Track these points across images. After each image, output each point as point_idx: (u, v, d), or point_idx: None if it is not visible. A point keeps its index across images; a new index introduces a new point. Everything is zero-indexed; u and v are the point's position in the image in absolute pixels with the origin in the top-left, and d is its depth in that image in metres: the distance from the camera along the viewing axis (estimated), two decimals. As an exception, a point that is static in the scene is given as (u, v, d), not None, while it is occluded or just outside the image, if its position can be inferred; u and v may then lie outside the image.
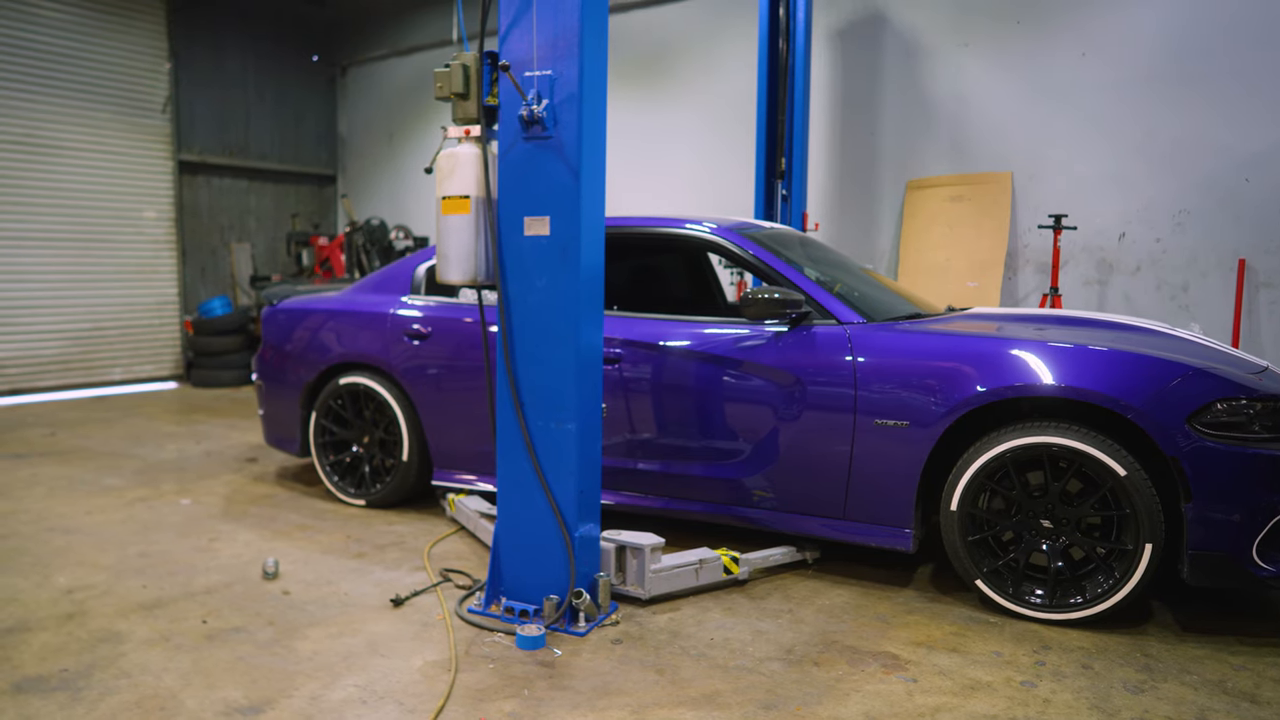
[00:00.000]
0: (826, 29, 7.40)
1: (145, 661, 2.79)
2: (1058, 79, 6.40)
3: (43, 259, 8.51)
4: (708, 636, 3.00)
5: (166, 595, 3.35)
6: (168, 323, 9.60)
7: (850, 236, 7.43)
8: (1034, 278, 6.61)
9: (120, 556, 3.78)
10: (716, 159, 8.08)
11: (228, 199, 10.34)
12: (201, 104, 9.89)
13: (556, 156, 2.92)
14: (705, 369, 3.63)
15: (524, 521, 3.10)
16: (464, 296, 4.33)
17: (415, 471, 4.38)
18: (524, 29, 2.91)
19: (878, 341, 3.37)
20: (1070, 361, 3.06)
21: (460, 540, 4.02)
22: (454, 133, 3.08)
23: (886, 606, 3.27)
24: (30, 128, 8.35)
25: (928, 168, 7.01)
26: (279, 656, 2.82)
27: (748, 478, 3.58)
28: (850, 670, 2.75)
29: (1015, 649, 2.90)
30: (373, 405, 4.46)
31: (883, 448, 3.30)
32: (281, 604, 3.26)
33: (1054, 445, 3.01)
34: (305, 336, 4.67)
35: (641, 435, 3.78)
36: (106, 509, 4.51)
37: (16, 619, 3.12)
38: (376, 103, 11.01)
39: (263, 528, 4.21)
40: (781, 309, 3.40)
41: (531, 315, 3.02)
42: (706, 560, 3.38)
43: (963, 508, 3.17)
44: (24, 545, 3.92)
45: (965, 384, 3.15)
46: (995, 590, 3.17)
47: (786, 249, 3.91)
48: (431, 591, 3.37)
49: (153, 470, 5.36)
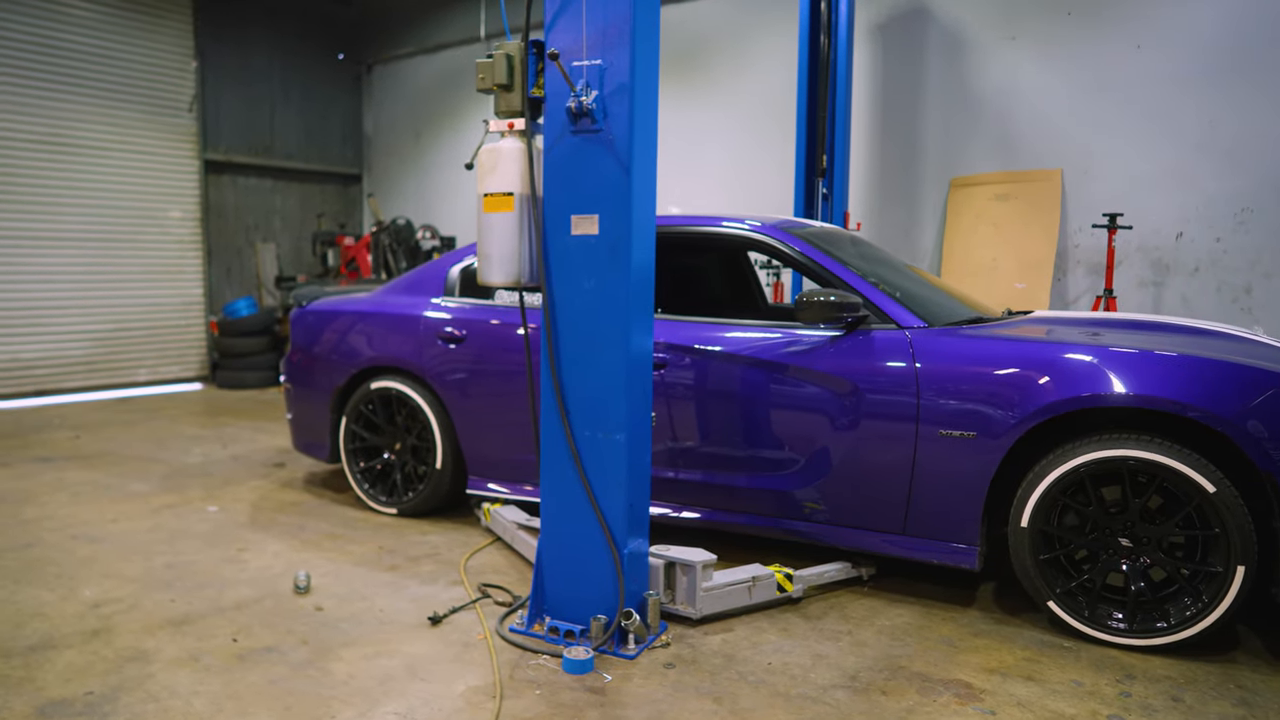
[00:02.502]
0: (868, 23, 7.19)
1: (173, 684, 2.65)
2: (1112, 72, 6.16)
3: (69, 259, 8.46)
4: (765, 660, 2.82)
5: (195, 610, 3.21)
6: (193, 323, 9.53)
7: (891, 235, 7.21)
8: (1085, 279, 6.37)
9: (147, 567, 3.65)
10: (752, 157, 7.88)
11: (253, 198, 10.26)
12: (227, 103, 9.81)
13: (606, 151, 2.75)
14: (755, 375, 3.45)
15: (569, 537, 2.93)
16: (500, 298, 4.17)
17: (449, 480, 4.22)
18: (572, 16, 2.75)
19: (942, 347, 3.17)
20: (1155, 369, 2.85)
21: (497, 552, 3.86)
22: (496, 126, 2.92)
23: (951, 628, 3.08)
24: (57, 127, 8.30)
25: (973, 165, 6.78)
26: (313, 680, 2.67)
27: (799, 489, 3.40)
28: (921, 700, 2.56)
29: (1096, 678, 2.70)
30: (405, 410, 4.32)
31: (947, 460, 3.10)
32: (314, 621, 3.12)
33: (1134, 459, 2.80)
34: (335, 339, 4.54)
35: (687, 444, 3.61)
36: (132, 516, 4.39)
37: (42, 635, 3.00)
38: (403, 101, 10.90)
39: (292, 537, 4.07)
40: (839, 312, 3.21)
41: (578, 319, 2.85)
42: (760, 577, 3.20)
43: (1034, 524, 2.97)
44: (50, 554, 3.81)
45: (1038, 393, 2.95)
46: (1069, 612, 2.96)
47: (838, 248, 3.72)
48: (470, 608, 3.21)
49: (179, 475, 5.25)
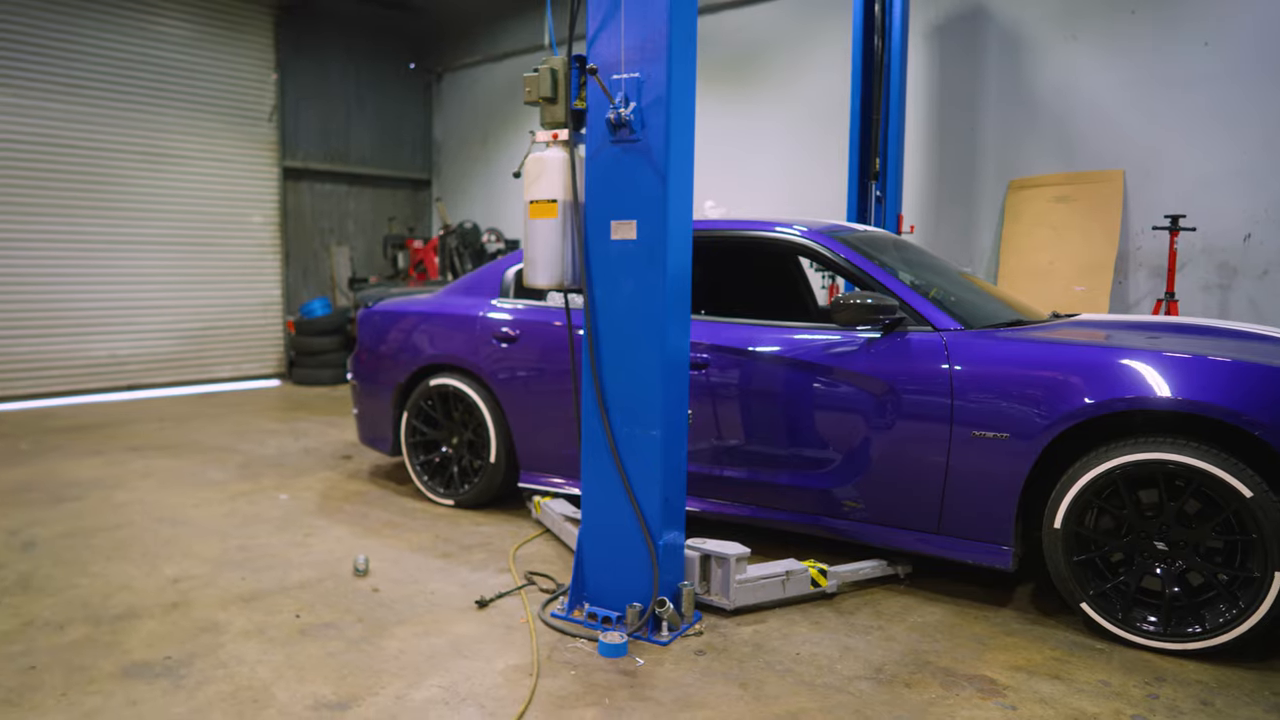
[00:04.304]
0: (924, 24, 7.17)
1: (241, 653, 2.88)
2: (1177, 70, 6.03)
3: (159, 262, 8.99)
4: (793, 651, 2.91)
5: (263, 588, 3.46)
6: (271, 323, 10.00)
7: (947, 239, 7.18)
8: (1147, 282, 6.24)
9: (222, 549, 3.93)
10: (807, 161, 7.92)
11: (328, 203, 10.72)
12: (305, 112, 10.28)
13: (643, 160, 2.89)
14: (794, 375, 3.54)
15: (608, 527, 3.07)
16: (552, 300, 4.35)
17: (502, 473, 4.42)
18: (612, 32, 2.89)
19: (976, 349, 3.22)
20: (1189, 373, 2.85)
21: (545, 543, 4.03)
22: (542, 137, 3.08)
23: (983, 627, 3.12)
24: (150, 138, 8.83)
25: (1031, 166, 6.71)
26: (366, 654, 2.88)
27: (837, 488, 3.48)
28: (944, 693, 2.63)
29: (1125, 679, 2.72)
30: (462, 407, 4.53)
31: (981, 460, 3.15)
32: (370, 601, 3.33)
33: (1170, 463, 2.81)
34: (398, 338, 4.78)
35: (728, 442, 3.72)
36: (211, 502, 4.70)
37: (127, 606, 3.28)
38: (470, 108, 11.24)
39: (354, 524, 4.32)
40: (874, 314, 3.28)
41: (617, 320, 3.00)
42: (793, 572, 3.29)
43: (1067, 526, 3.00)
44: (136, 535, 4.12)
45: (1071, 395, 2.98)
46: (1102, 614, 2.98)
47: (880, 252, 3.78)
48: (516, 594, 3.39)
49: (254, 465, 5.57)
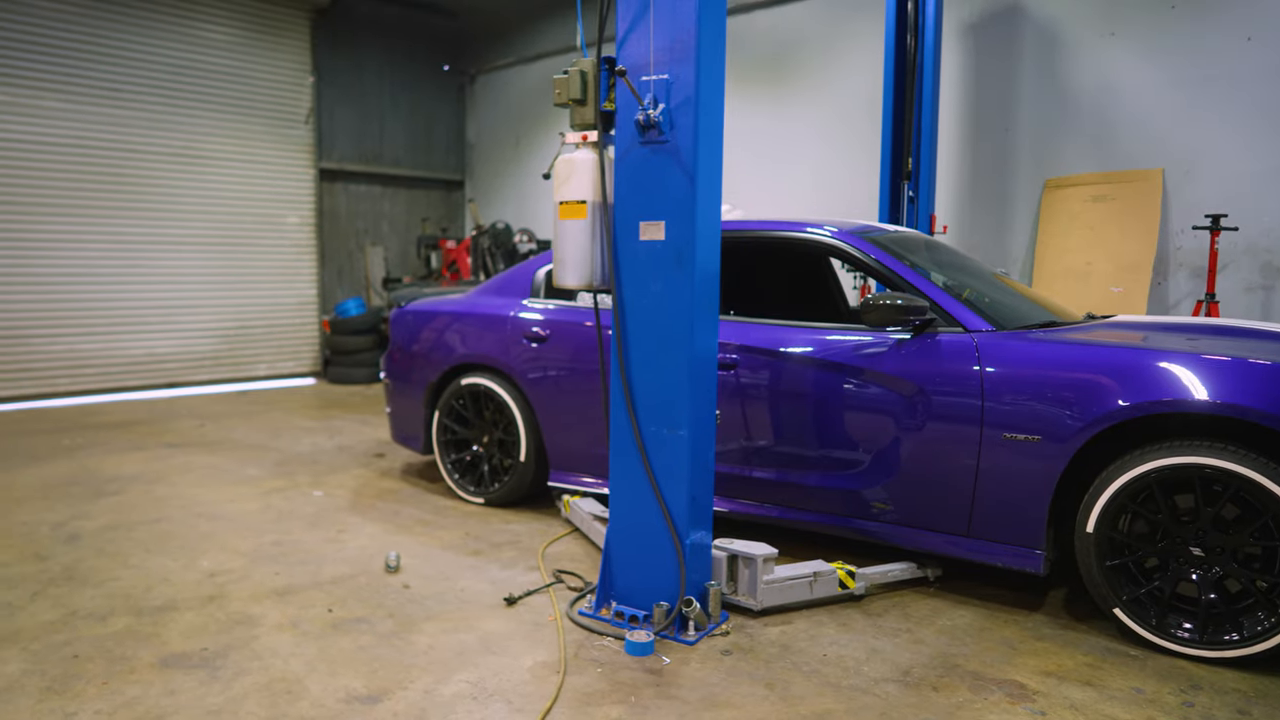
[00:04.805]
0: (958, 23, 7.10)
1: (275, 645, 2.94)
2: (1218, 66, 5.91)
3: (198, 262, 9.17)
4: (820, 652, 2.91)
5: (297, 583, 3.52)
6: (307, 322, 10.16)
7: (981, 239, 7.10)
8: (1187, 283, 6.13)
9: (257, 544, 4.01)
10: (837, 161, 7.88)
11: (363, 204, 10.86)
12: (340, 114, 10.43)
13: (672, 161, 2.90)
14: (823, 376, 3.53)
15: (635, 527, 3.09)
16: (582, 300, 4.38)
17: (532, 472, 4.45)
18: (641, 33, 2.91)
19: (1008, 351, 3.19)
20: (1230, 376, 2.80)
21: (574, 542, 4.06)
22: (571, 138, 3.10)
23: (1013, 631, 3.09)
24: (191, 141, 9.02)
25: (1068, 166, 6.61)
26: (397, 649, 2.92)
27: (866, 489, 3.46)
28: (972, 697, 2.61)
29: (1159, 686, 2.68)
30: (492, 406, 4.57)
31: (1012, 463, 3.12)
32: (401, 597, 3.38)
33: (1208, 467, 2.76)
34: (430, 338, 4.83)
35: (756, 442, 3.72)
36: (247, 498, 4.79)
37: (166, 598, 3.36)
38: (503, 109, 11.32)
39: (387, 522, 4.37)
40: (904, 315, 3.26)
41: (645, 320, 3.01)
42: (821, 573, 3.28)
43: (1100, 530, 2.96)
44: (175, 529, 4.22)
45: (1105, 397, 2.94)
46: (1136, 620, 2.94)
47: (910, 253, 3.76)
48: (544, 592, 3.42)
49: (289, 462, 5.67)
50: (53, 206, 8.17)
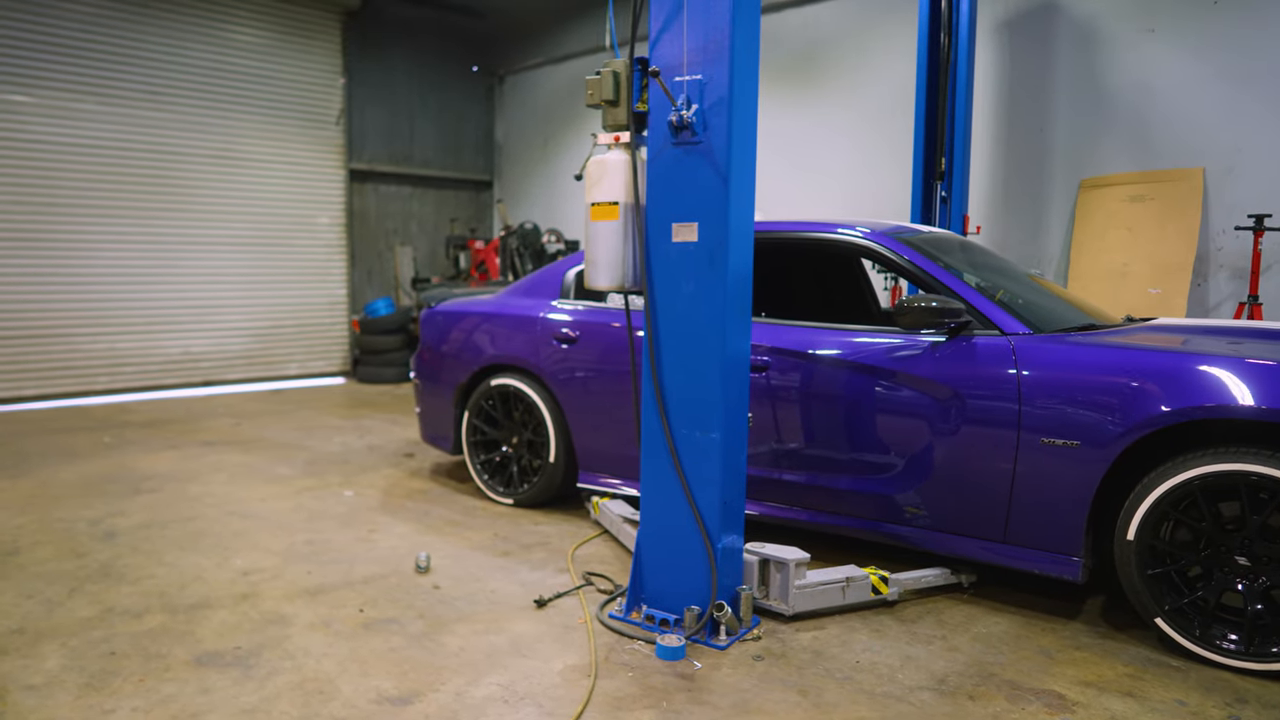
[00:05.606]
0: (992, 21, 7.00)
1: (308, 645, 2.96)
2: (1262, 62, 5.77)
3: (230, 262, 9.29)
4: (853, 659, 2.87)
5: (328, 582, 3.54)
6: (337, 322, 10.25)
7: (1015, 240, 7.00)
8: (1228, 284, 6.00)
9: (289, 543, 4.04)
10: (870, 161, 7.81)
11: (393, 204, 10.94)
12: (371, 115, 10.51)
13: (705, 162, 2.88)
14: (856, 379, 3.49)
15: (666, 530, 3.07)
16: (612, 301, 4.37)
17: (561, 473, 4.45)
18: (674, 34, 2.89)
19: (1045, 354, 3.13)
20: (1273, 380, 2.73)
21: (604, 544, 4.05)
22: (604, 139, 3.09)
23: (1050, 639, 3.04)
24: (226, 142, 9.13)
25: (1105, 165, 6.50)
26: (428, 650, 2.92)
27: (899, 493, 3.42)
28: (1009, 707, 2.56)
29: (1203, 699, 2.61)
30: (522, 407, 4.57)
31: (1049, 468, 3.06)
32: (432, 598, 3.38)
33: (1254, 474, 2.69)
34: (459, 338, 4.85)
35: (788, 445, 3.68)
36: (279, 497, 4.84)
37: (200, 596, 3.39)
38: (531, 110, 11.35)
39: (417, 522, 4.39)
40: (939, 318, 3.22)
41: (677, 322, 2.99)
42: (854, 578, 3.24)
43: (1141, 538, 2.89)
44: (208, 528, 4.26)
45: (1146, 402, 2.87)
46: (1178, 630, 2.87)
47: (944, 254, 3.70)
48: (574, 594, 3.41)
49: (320, 461, 5.71)
50: (94, 208, 8.31)
